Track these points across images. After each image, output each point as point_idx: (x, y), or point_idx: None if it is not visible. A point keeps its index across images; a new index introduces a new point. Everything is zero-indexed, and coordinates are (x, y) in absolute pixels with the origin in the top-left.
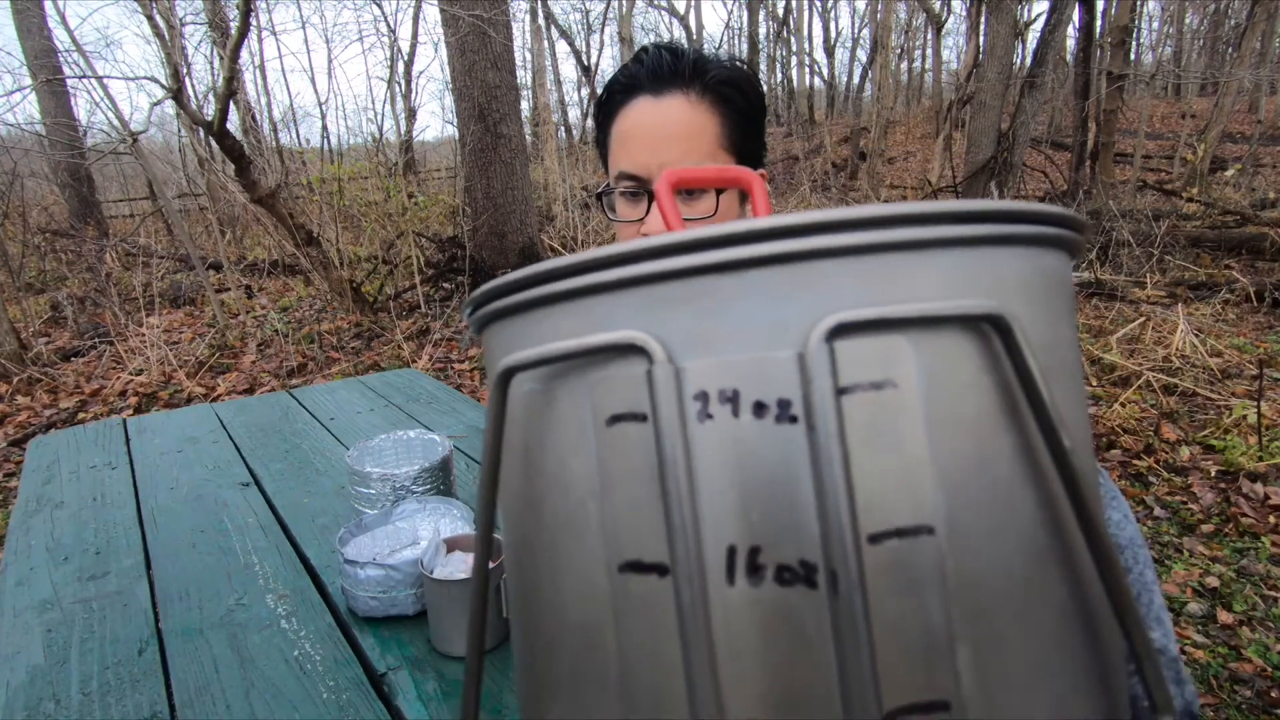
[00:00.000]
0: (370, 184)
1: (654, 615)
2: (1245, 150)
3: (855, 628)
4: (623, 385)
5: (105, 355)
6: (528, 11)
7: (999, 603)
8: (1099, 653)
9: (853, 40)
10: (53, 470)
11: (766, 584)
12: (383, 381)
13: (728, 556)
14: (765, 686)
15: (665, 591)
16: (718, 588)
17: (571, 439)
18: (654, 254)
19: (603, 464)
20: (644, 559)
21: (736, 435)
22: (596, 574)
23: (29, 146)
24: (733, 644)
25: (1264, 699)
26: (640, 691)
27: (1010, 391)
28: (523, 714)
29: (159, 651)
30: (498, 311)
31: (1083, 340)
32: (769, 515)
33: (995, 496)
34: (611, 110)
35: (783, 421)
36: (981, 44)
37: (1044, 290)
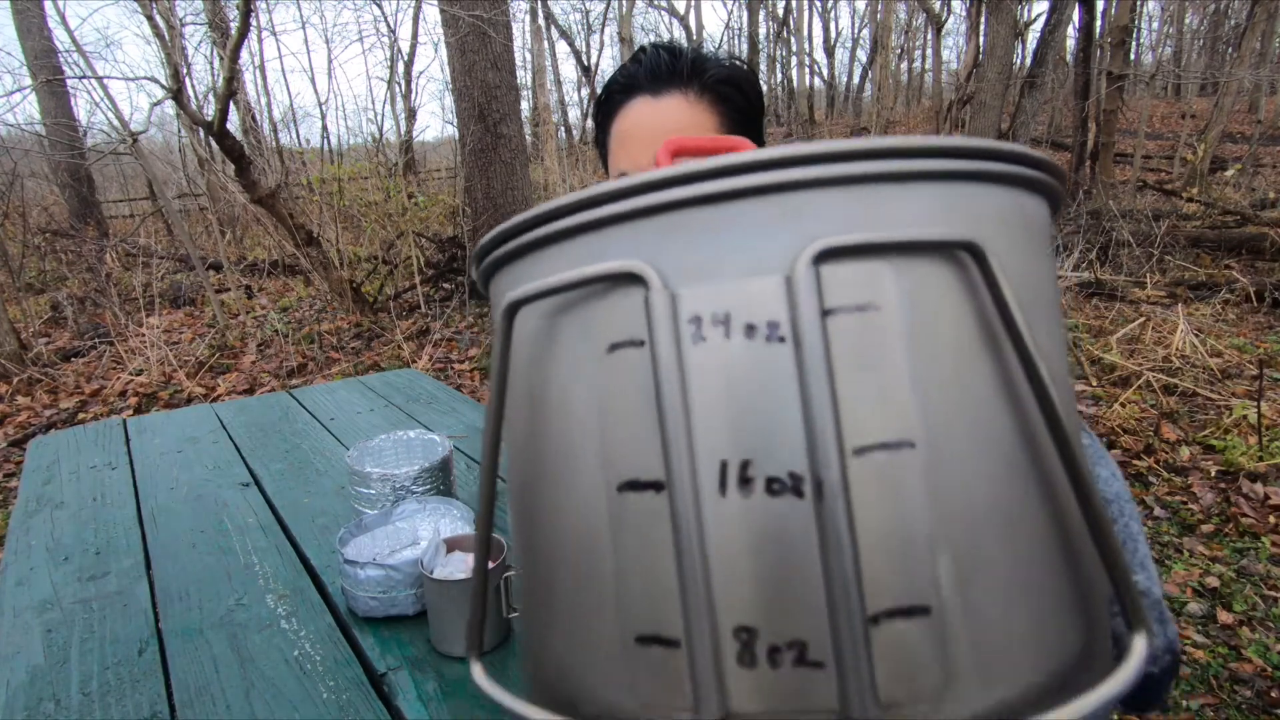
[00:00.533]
0: (370, 184)
1: (650, 530)
2: (1245, 150)
3: (840, 534)
4: (621, 314)
5: (105, 355)
6: (528, 12)
7: (979, 517)
8: (1079, 577)
9: (853, 40)
10: (53, 470)
11: (756, 495)
12: (383, 382)
13: (720, 470)
14: (755, 592)
15: (661, 507)
16: (711, 500)
17: (573, 369)
18: (649, 188)
19: (602, 390)
20: (641, 477)
21: (728, 356)
22: (596, 497)
23: (29, 147)
24: (724, 552)
25: (1264, 699)
26: (636, 605)
27: (988, 319)
28: (523, 646)
29: (159, 651)
30: (502, 257)
31: (1083, 340)
32: (759, 430)
33: (974, 417)
34: (611, 110)
35: (772, 341)
36: (981, 44)
37: (1021, 229)
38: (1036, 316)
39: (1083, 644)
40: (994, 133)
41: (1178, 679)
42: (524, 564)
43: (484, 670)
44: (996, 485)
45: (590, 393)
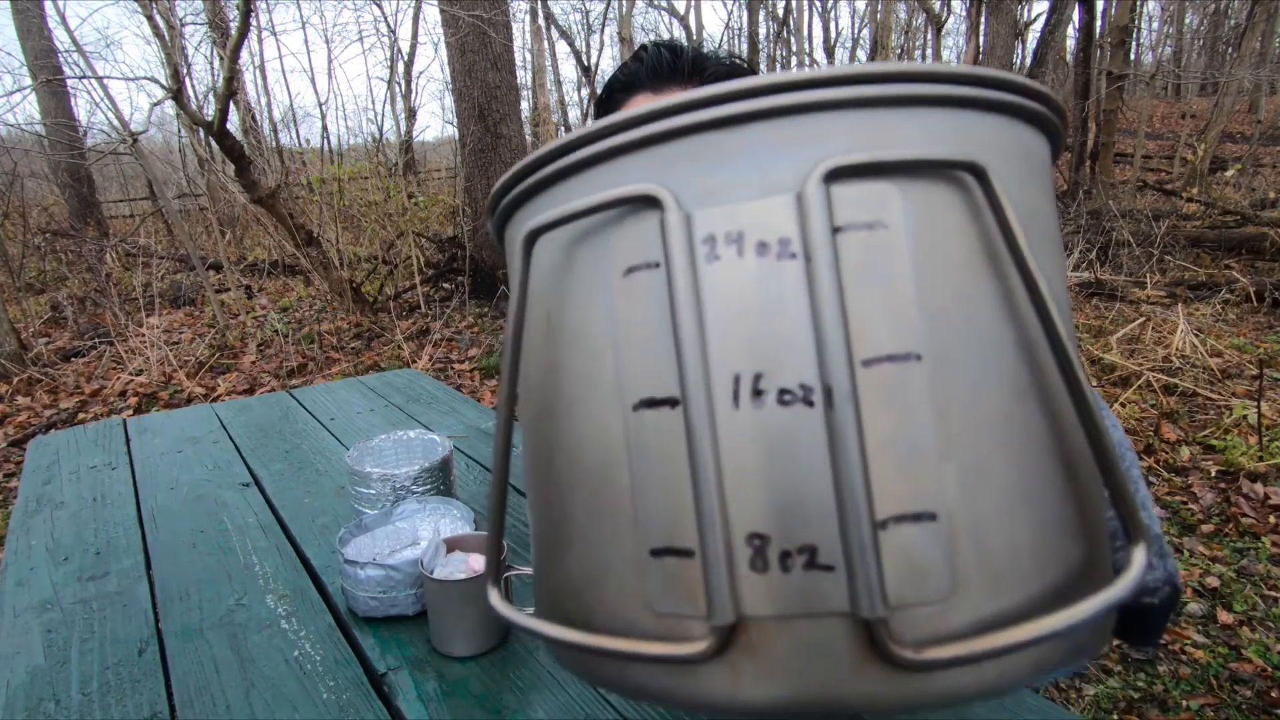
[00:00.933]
0: (370, 184)
1: (666, 445)
2: (1245, 150)
3: (848, 442)
4: (637, 238)
5: (105, 355)
6: (528, 12)
7: (983, 428)
8: (1079, 492)
9: (853, 40)
10: (53, 470)
11: (768, 406)
12: (383, 382)
13: (733, 383)
14: (767, 499)
15: (676, 422)
16: (724, 412)
17: (590, 295)
18: (663, 114)
19: (619, 313)
20: (656, 395)
21: (741, 273)
22: (613, 417)
23: (29, 147)
24: (737, 463)
25: (1264, 699)
26: (652, 519)
27: (991, 240)
28: (537, 572)
29: (159, 652)
30: (520, 195)
31: (1083, 340)
32: (771, 344)
33: (978, 332)
34: (612, 108)
35: (783, 258)
36: (981, 44)
37: (1021, 160)
38: (1039, 244)
39: (1083, 558)
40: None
41: (1177, 679)
42: (538, 494)
43: (499, 594)
44: (999, 398)
45: (607, 316)
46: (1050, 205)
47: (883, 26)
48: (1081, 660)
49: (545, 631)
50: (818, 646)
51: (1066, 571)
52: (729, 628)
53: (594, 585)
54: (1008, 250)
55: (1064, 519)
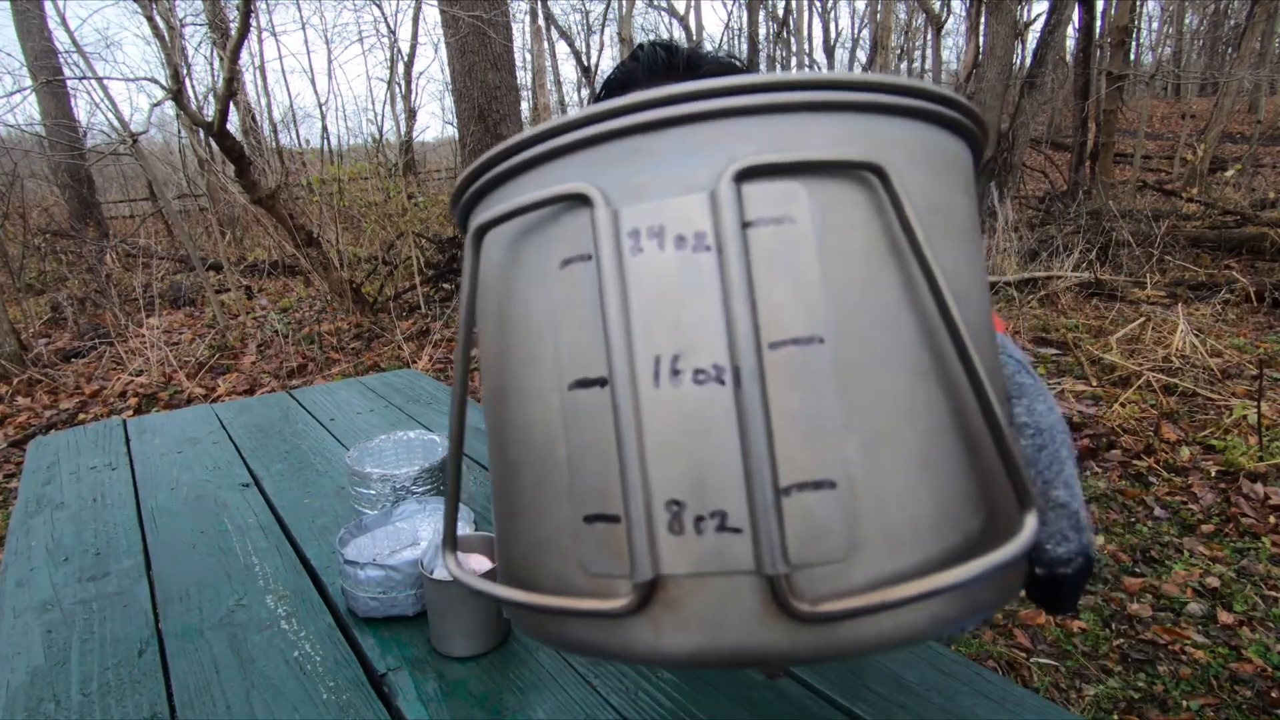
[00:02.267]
0: (370, 185)
1: (596, 421)
2: (1245, 150)
3: (755, 416)
4: (572, 233)
5: (105, 356)
6: (528, 12)
7: (883, 405)
8: (978, 467)
9: (853, 40)
10: (53, 471)
11: (685, 385)
12: (382, 382)
13: (654, 364)
14: (684, 469)
15: (605, 400)
16: (647, 391)
17: (533, 285)
18: (594, 119)
19: (557, 301)
20: (589, 375)
21: (661, 264)
22: (552, 397)
23: (29, 147)
24: (658, 436)
25: (1264, 699)
26: (584, 488)
27: (894, 235)
28: (497, 544)
29: (159, 652)
30: (475, 193)
31: (1082, 340)
32: (687, 328)
33: (879, 318)
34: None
35: (699, 250)
36: (981, 44)
37: (929, 160)
38: (944, 239)
39: (982, 527)
40: (994, 132)
41: (1178, 679)
42: (495, 471)
43: (455, 560)
44: (900, 378)
45: (547, 304)
46: (967, 203)
47: (882, 27)
48: (979, 616)
49: (493, 591)
50: (728, 601)
51: (965, 538)
52: (649, 584)
53: (539, 550)
54: (907, 243)
55: (964, 490)
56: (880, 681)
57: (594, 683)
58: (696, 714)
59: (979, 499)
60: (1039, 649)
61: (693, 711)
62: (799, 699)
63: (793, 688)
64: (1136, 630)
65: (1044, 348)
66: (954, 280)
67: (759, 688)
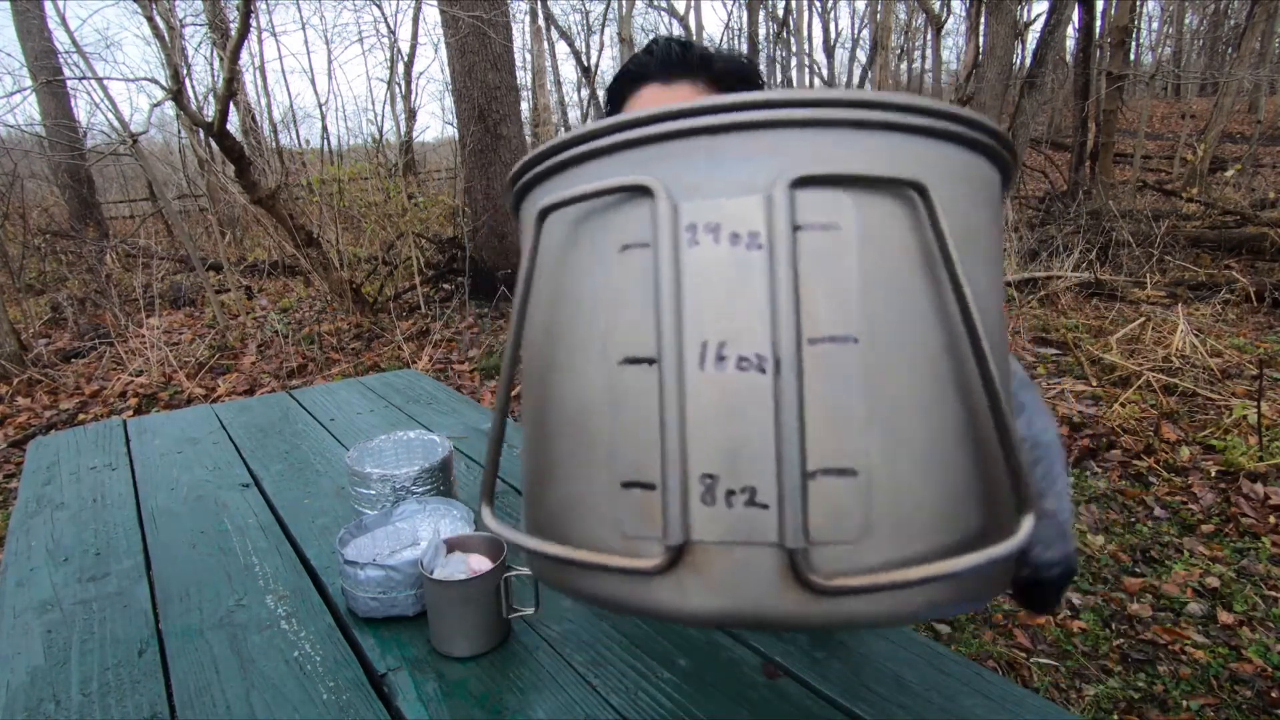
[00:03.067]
0: (370, 185)
1: (641, 396)
2: (1245, 150)
3: (790, 404)
4: (633, 221)
5: (105, 356)
6: (528, 12)
7: (904, 404)
8: (985, 469)
9: (853, 41)
10: (53, 471)
11: (729, 370)
12: (382, 382)
13: (701, 349)
14: (720, 446)
15: (652, 378)
16: (692, 372)
17: (590, 266)
18: (660, 118)
19: (613, 284)
20: (638, 354)
21: (715, 257)
22: (601, 372)
23: (29, 148)
24: (698, 415)
25: (1264, 699)
26: (624, 457)
27: (929, 249)
28: (526, 500)
29: (159, 652)
30: (534, 178)
31: (1082, 340)
32: (735, 318)
33: (909, 326)
34: (622, 96)
35: (751, 248)
36: (981, 44)
37: (966, 183)
38: (974, 258)
39: (982, 525)
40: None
41: (1178, 679)
42: (530, 439)
43: (491, 513)
44: (922, 382)
45: (603, 286)
46: (994, 226)
47: (882, 27)
48: (969, 605)
49: (531, 545)
50: (750, 569)
51: (965, 532)
52: (679, 548)
53: (573, 511)
54: (941, 260)
55: (969, 490)
56: (880, 681)
57: (594, 683)
58: (696, 714)
59: (982, 498)
60: (1039, 649)
61: (692, 711)
62: (799, 699)
63: (793, 688)
64: (1136, 630)
65: (1044, 348)
66: (980, 298)
67: (759, 688)
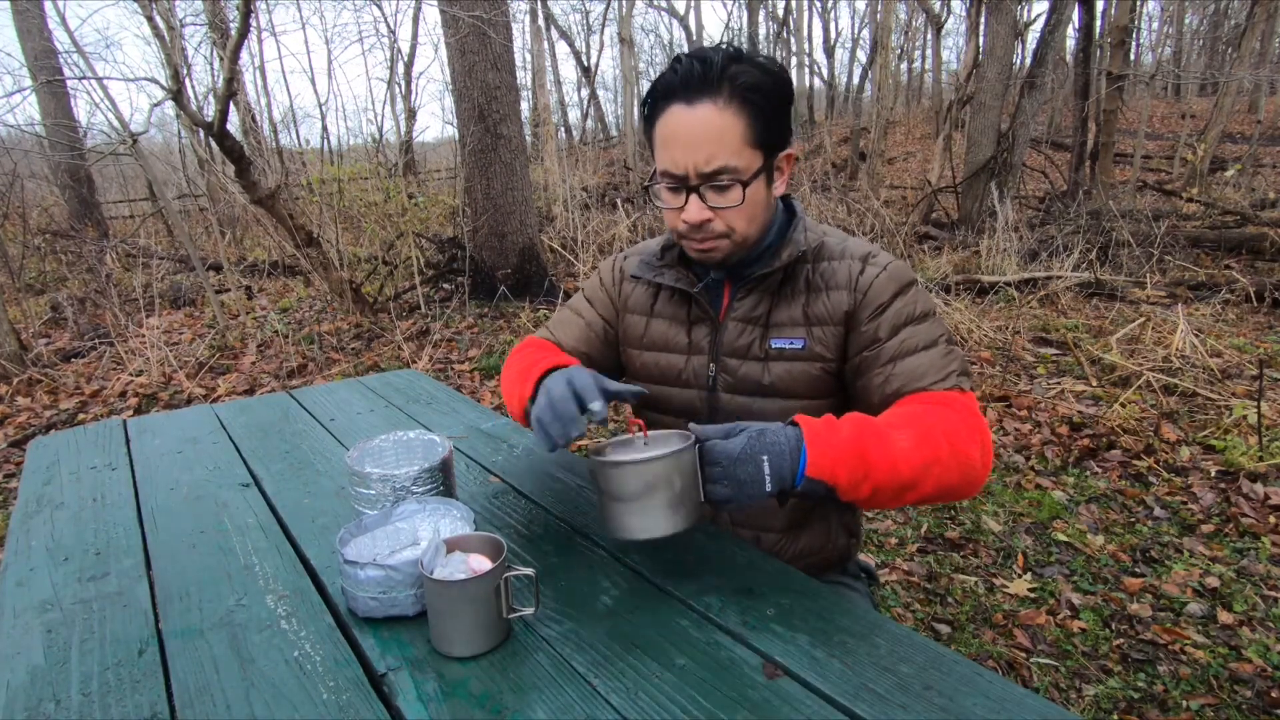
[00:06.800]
0: (370, 185)
1: None
2: (1245, 150)
3: None
4: None
5: (105, 356)
6: (528, 12)
7: None
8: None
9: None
10: (53, 471)
11: None
12: (383, 382)
13: None
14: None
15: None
16: None
17: None
18: None
19: None
20: None
21: None
22: None
23: (29, 148)
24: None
25: (1264, 699)
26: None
27: None
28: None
29: (159, 652)
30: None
31: (1082, 340)
32: None
33: None
34: (654, 113)
35: None
36: (981, 44)
37: None
38: None
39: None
40: (994, 132)
41: (1178, 679)
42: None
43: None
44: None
45: None
46: None
47: (882, 27)
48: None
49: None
50: None
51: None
52: None
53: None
54: None
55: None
56: (880, 681)
57: (594, 683)
58: (696, 714)
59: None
60: (1039, 649)
61: (692, 711)
62: (799, 699)
63: (793, 688)
64: (1136, 630)
65: (1044, 348)
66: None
67: (759, 688)
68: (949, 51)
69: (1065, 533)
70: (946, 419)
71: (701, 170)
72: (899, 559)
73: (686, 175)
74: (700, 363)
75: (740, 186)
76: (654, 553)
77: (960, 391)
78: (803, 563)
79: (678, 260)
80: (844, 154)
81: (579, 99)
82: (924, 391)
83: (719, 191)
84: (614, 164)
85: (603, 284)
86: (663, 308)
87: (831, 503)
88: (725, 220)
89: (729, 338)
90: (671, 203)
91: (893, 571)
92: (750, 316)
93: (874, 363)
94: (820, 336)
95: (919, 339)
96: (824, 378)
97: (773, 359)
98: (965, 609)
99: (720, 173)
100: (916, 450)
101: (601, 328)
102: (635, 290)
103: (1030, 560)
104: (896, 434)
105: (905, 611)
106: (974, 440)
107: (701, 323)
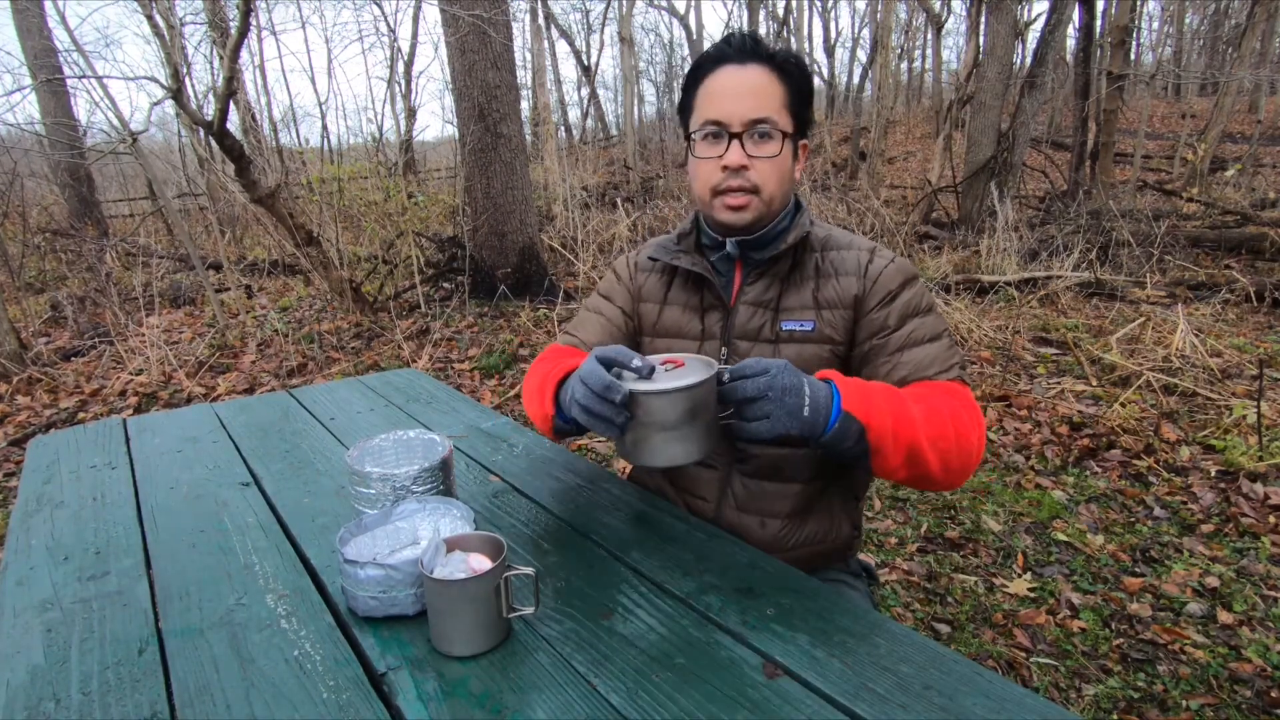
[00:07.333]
0: (370, 184)
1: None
2: (1245, 150)
3: None
4: None
5: (105, 355)
6: (528, 11)
7: None
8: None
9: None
10: (53, 470)
11: None
12: (382, 381)
13: None
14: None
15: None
16: None
17: None
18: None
19: None
20: None
21: None
22: None
23: (29, 146)
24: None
25: (1264, 699)
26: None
27: None
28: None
29: (159, 651)
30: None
31: (1082, 340)
32: None
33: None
34: (701, 76)
35: None
36: (981, 44)
37: None
38: None
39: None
40: (994, 132)
41: (1177, 679)
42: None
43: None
44: None
45: None
46: None
47: (882, 26)
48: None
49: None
50: None
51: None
52: None
53: None
54: None
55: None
56: (880, 681)
57: (594, 683)
58: (696, 714)
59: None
60: (1039, 649)
61: (692, 711)
62: (799, 699)
63: (793, 687)
64: (1136, 630)
65: (1044, 347)
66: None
67: (759, 688)
68: (949, 51)
69: (1065, 532)
70: (951, 405)
71: (747, 118)
72: (899, 558)
73: (730, 122)
74: (712, 347)
75: (781, 137)
76: (654, 551)
77: (961, 383)
78: (806, 551)
79: (694, 247)
80: (844, 153)
81: (579, 98)
82: (929, 380)
83: (760, 140)
84: (614, 163)
85: (619, 279)
86: (676, 295)
87: (856, 454)
88: (760, 172)
89: (740, 321)
90: (710, 153)
91: (893, 571)
92: (761, 300)
93: (881, 351)
94: (830, 320)
95: (925, 331)
96: (832, 360)
97: (783, 341)
98: (965, 609)
99: (763, 121)
100: (927, 422)
101: (622, 320)
102: (649, 280)
103: (1030, 560)
104: (911, 403)
105: (905, 611)
106: (974, 428)
107: (714, 309)
